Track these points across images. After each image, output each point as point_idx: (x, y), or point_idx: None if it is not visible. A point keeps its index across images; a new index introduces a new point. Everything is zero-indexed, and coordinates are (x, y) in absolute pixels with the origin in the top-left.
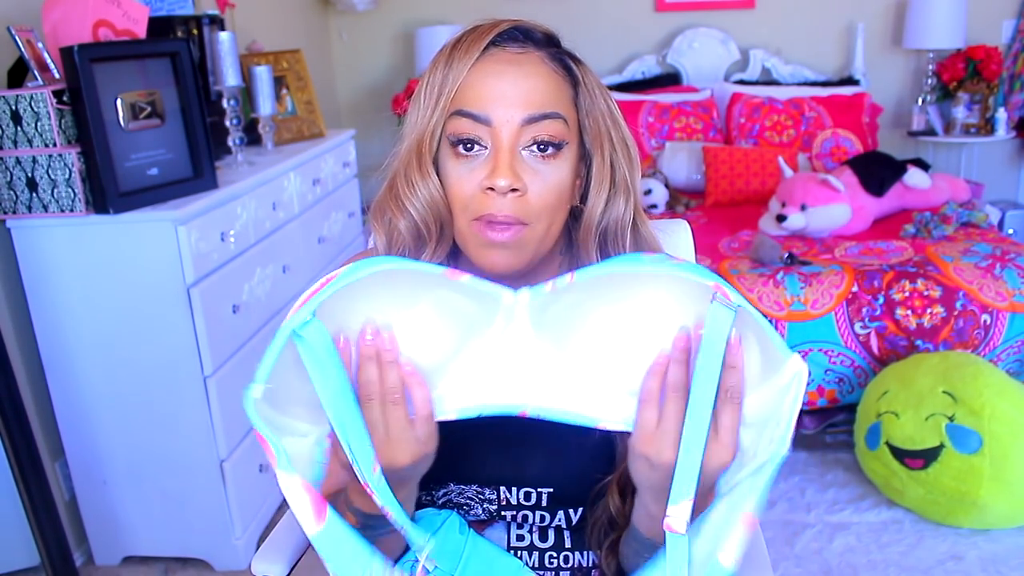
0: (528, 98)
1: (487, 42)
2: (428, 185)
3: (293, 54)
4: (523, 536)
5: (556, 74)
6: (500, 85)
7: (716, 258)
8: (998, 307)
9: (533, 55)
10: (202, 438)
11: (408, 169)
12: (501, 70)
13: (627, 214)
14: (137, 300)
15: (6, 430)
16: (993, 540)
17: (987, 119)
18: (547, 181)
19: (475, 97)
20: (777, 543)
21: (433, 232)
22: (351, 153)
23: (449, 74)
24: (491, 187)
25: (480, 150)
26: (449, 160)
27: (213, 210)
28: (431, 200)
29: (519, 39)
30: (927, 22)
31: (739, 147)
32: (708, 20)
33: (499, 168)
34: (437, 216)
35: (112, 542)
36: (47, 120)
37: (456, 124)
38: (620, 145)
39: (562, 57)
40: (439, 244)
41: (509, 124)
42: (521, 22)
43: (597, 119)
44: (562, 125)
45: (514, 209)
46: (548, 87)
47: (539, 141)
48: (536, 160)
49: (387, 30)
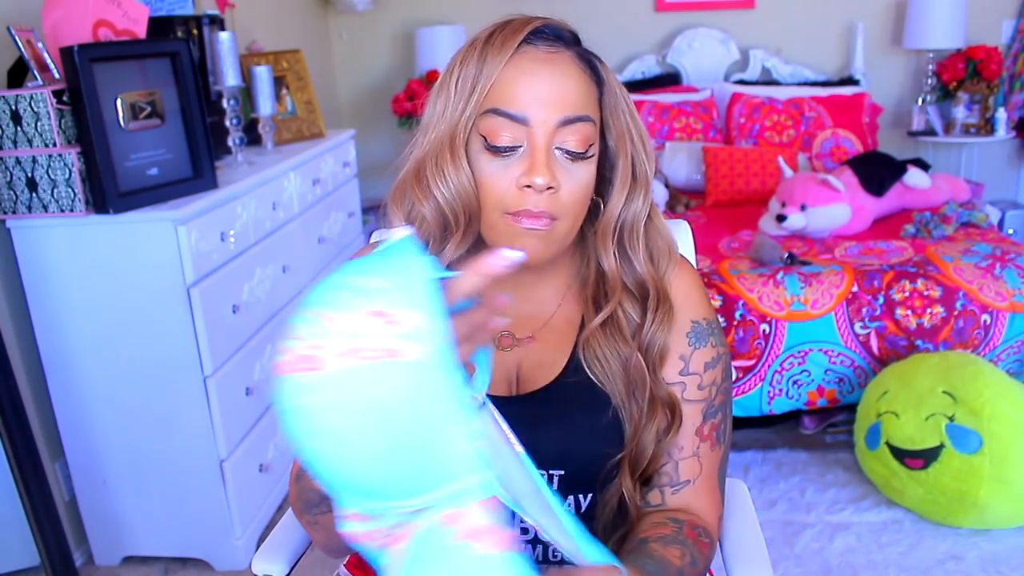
0: (563, 99)
1: (521, 39)
2: (461, 176)
3: (293, 54)
4: (527, 528)
5: (585, 74)
6: (536, 84)
7: (716, 258)
8: (998, 307)
9: (564, 54)
10: (202, 438)
11: (439, 158)
12: (536, 69)
13: (644, 209)
14: (137, 300)
15: (6, 430)
16: (993, 540)
17: (987, 119)
18: (578, 180)
19: (511, 96)
20: (777, 543)
21: (461, 222)
22: (351, 153)
23: (483, 69)
24: (528, 184)
25: (515, 149)
26: (482, 155)
27: (213, 210)
28: (463, 191)
29: (550, 37)
30: (927, 22)
31: (739, 147)
32: (708, 20)
33: (537, 167)
34: (467, 207)
35: (112, 542)
36: (47, 120)
37: (491, 122)
38: (639, 142)
39: (588, 57)
40: (465, 234)
41: (546, 125)
42: (550, 20)
43: (620, 118)
44: (592, 128)
45: (548, 205)
46: (579, 88)
47: (572, 151)
48: (567, 160)
49: (387, 30)
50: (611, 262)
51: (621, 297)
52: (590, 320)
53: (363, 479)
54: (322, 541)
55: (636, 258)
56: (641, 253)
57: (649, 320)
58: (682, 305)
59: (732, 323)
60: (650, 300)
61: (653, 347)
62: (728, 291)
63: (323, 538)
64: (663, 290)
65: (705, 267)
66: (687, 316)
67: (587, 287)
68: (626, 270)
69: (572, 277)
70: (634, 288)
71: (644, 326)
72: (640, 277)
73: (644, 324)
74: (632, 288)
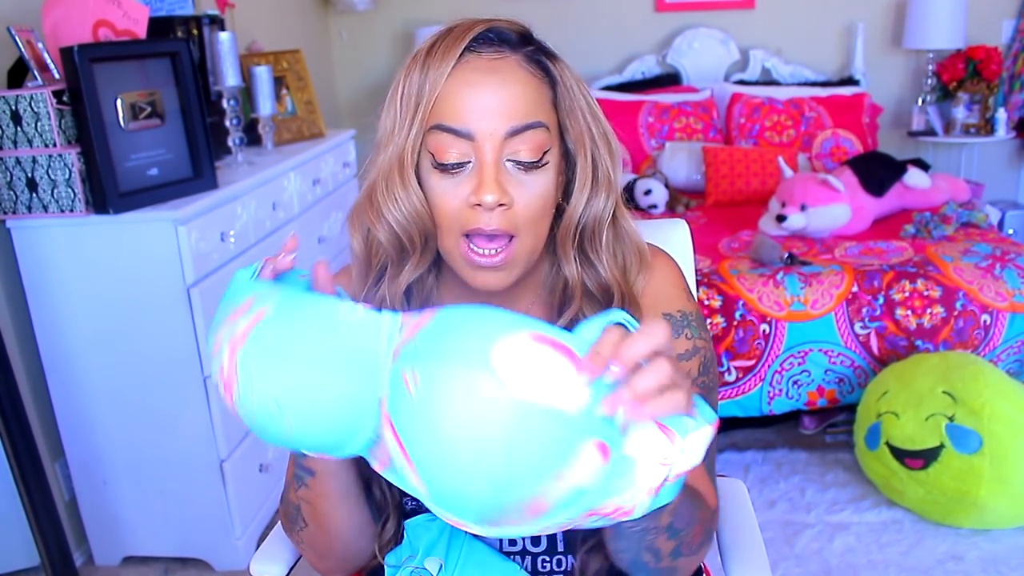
0: (510, 108)
1: (462, 48)
2: (411, 198)
3: (293, 54)
4: (515, 541)
5: (535, 77)
6: (480, 96)
7: (716, 258)
8: (998, 307)
9: (510, 60)
10: (202, 438)
11: (389, 181)
12: (479, 80)
13: (607, 210)
14: (137, 300)
15: (6, 430)
16: (993, 540)
17: (987, 119)
18: (533, 192)
19: (454, 110)
20: (777, 543)
21: (417, 244)
22: (351, 153)
23: (425, 84)
24: (478, 203)
25: (463, 165)
26: (432, 175)
27: (213, 210)
28: (415, 213)
29: (494, 42)
30: (927, 22)
31: (739, 147)
32: (708, 20)
33: (485, 183)
34: (422, 229)
35: (112, 542)
36: (47, 120)
37: (437, 139)
38: (601, 140)
39: (538, 57)
40: (422, 256)
41: (492, 137)
42: (494, 22)
43: (577, 118)
44: (544, 133)
45: (502, 222)
46: (528, 93)
47: (523, 162)
48: (520, 172)
49: (387, 30)
50: (571, 267)
51: (583, 303)
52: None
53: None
54: (312, 559)
55: (599, 262)
56: (605, 256)
57: None
58: (653, 301)
59: (732, 323)
60: (614, 305)
61: None
62: (728, 291)
63: (311, 557)
64: (629, 294)
65: (705, 267)
66: (658, 311)
67: (554, 294)
68: (589, 274)
69: (540, 284)
70: (598, 293)
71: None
72: (604, 281)
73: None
74: (596, 293)
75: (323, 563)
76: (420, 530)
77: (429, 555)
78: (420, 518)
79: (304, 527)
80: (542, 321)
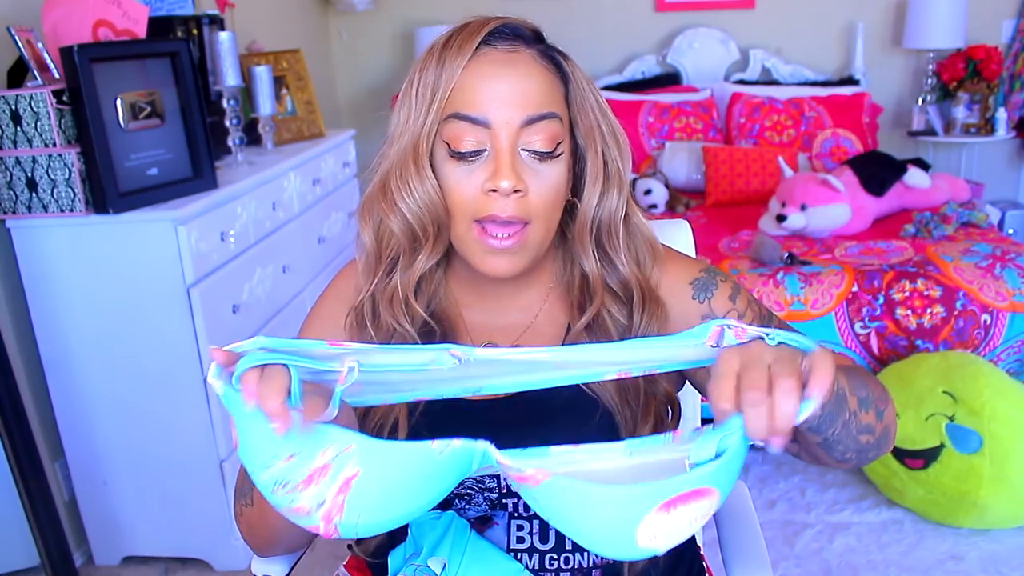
0: (525, 99)
1: (479, 41)
2: (426, 187)
3: (293, 54)
4: (523, 538)
5: (548, 72)
6: (497, 86)
7: (716, 258)
8: (998, 307)
9: (525, 54)
10: (202, 438)
11: (403, 170)
12: (496, 71)
13: (620, 207)
14: (137, 300)
15: (6, 430)
16: (993, 540)
17: (987, 119)
18: (547, 181)
19: (472, 100)
20: (777, 543)
21: (430, 234)
22: (351, 153)
23: (442, 75)
24: (494, 189)
25: (479, 153)
26: (446, 163)
27: (213, 210)
28: (429, 202)
29: (509, 37)
30: (927, 22)
31: (739, 147)
32: (708, 20)
33: (502, 170)
34: (435, 218)
35: (112, 542)
36: (47, 120)
37: (453, 127)
38: (611, 137)
39: (552, 54)
40: (435, 246)
41: (508, 126)
42: (509, 19)
43: (588, 114)
44: (558, 124)
45: (517, 209)
46: (542, 86)
47: (538, 151)
48: (535, 161)
49: (387, 30)
50: (591, 263)
51: (605, 299)
52: (575, 325)
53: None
54: (244, 533)
55: (618, 258)
56: (623, 252)
57: (636, 322)
58: (673, 284)
59: None
60: (635, 301)
61: None
62: None
63: (244, 531)
64: (648, 289)
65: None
66: (684, 281)
67: (572, 291)
68: (608, 271)
69: (555, 281)
70: (618, 289)
71: (631, 328)
72: (623, 277)
73: (631, 326)
74: (616, 289)
75: (254, 539)
76: (424, 528)
77: (433, 554)
78: (424, 516)
79: (249, 505)
80: (642, 482)
